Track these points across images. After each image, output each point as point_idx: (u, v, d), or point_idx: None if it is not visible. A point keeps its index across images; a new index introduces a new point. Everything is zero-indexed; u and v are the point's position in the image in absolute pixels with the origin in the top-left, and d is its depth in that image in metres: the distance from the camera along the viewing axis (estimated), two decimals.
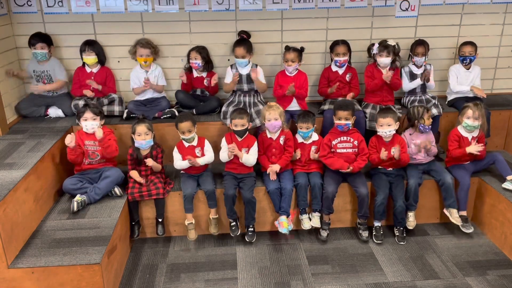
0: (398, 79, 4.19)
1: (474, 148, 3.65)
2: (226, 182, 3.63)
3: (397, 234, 3.67)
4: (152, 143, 3.67)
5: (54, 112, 4.15)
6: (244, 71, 4.10)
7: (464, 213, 3.70)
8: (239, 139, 3.66)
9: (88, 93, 4.09)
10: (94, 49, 4.15)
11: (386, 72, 4.04)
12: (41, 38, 4.03)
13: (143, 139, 3.57)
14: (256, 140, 3.72)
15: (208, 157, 3.67)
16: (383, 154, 3.57)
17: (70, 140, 3.43)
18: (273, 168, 3.63)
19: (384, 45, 4.07)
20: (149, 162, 3.59)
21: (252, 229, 3.66)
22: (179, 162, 3.63)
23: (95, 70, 4.22)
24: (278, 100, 4.07)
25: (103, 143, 3.53)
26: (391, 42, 4.11)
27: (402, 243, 3.62)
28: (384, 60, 4.07)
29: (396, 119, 3.65)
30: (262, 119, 3.76)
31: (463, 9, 4.45)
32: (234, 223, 3.65)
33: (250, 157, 3.65)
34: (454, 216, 3.68)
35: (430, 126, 3.76)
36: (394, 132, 3.65)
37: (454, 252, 3.52)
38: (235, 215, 3.64)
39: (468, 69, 4.33)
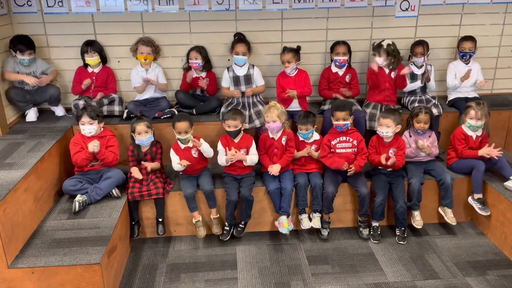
0: (404, 79, 4.14)
1: (486, 151, 3.65)
2: (228, 187, 3.60)
3: (398, 233, 3.67)
4: (153, 139, 3.67)
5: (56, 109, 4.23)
6: (241, 72, 4.09)
7: (480, 195, 3.66)
8: (235, 141, 3.66)
9: (86, 81, 4.09)
10: (96, 49, 4.15)
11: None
12: (28, 45, 3.97)
13: (143, 136, 3.58)
14: (253, 139, 3.72)
15: (207, 151, 3.64)
16: (383, 159, 3.59)
17: (93, 146, 3.43)
18: (275, 169, 3.60)
19: (377, 48, 4.03)
20: (148, 167, 3.59)
21: (243, 225, 3.65)
22: (177, 166, 3.62)
23: (96, 70, 4.21)
24: (280, 100, 4.05)
25: (100, 155, 3.53)
26: (385, 43, 4.07)
27: (402, 242, 3.62)
28: (379, 61, 4.03)
29: (398, 122, 3.63)
30: (263, 120, 3.77)
31: (463, 9, 4.45)
32: (228, 228, 3.64)
33: (253, 157, 3.65)
34: (449, 216, 3.70)
35: (422, 132, 3.76)
36: (392, 135, 3.65)
37: (454, 252, 3.52)
38: (234, 220, 3.63)
39: (467, 63, 4.34)
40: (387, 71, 4.07)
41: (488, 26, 4.53)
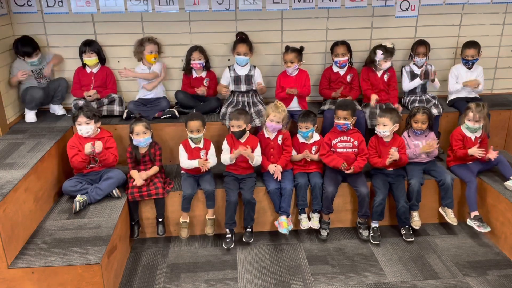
0: (395, 89, 4.28)
1: (476, 152, 3.63)
2: (229, 187, 3.59)
3: (404, 232, 3.65)
4: (151, 141, 3.67)
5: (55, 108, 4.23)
6: (242, 71, 4.09)
7: (476, 213, 3.63)
8: (241, 141, 3.65)
9: (90, 92, 4.06)
10: (94, 49, 4.15)
11: (375, 100, 4.05)
12: (33, 46, 4.00)
13: (141, 137, 3.58)
14: (258, 141, 3.71)
15: (212, 162, 3.66)
16: (388, 161, 3.59)
17: (90, 148, 3.43)
18: (278, 168, 3.61)
19: (390, 51, 4.11)
20: (151, 171, 3.63)
21: (250, 230, 3.65)
22: (187, 162, 3.61)
23: (95, 70, 4.21)
24: (279, 100, 4.05)
25: (100, 156, 3.52)
26: (389, 45, 4.12)
27: (411, 239, 3.60)
28: (388, 65, 4.14)
29: (395, 120, 3.63)
30: (265, 117, 3.77)
31: (463, 9, 4.45)
32: (229, 235, 3.61)
33: (258, 158, 3.65)
34: (449, 216, 3.70)
35: (421, 131, 3.76)
36: (389, 133, 3.65)
37: (454, 252, 3.52)
38: (234, 224, 3.61)
39: (469, 69, 4.33)
40: (379, 74, 4.12)
41: (488, 26, 4.53)
